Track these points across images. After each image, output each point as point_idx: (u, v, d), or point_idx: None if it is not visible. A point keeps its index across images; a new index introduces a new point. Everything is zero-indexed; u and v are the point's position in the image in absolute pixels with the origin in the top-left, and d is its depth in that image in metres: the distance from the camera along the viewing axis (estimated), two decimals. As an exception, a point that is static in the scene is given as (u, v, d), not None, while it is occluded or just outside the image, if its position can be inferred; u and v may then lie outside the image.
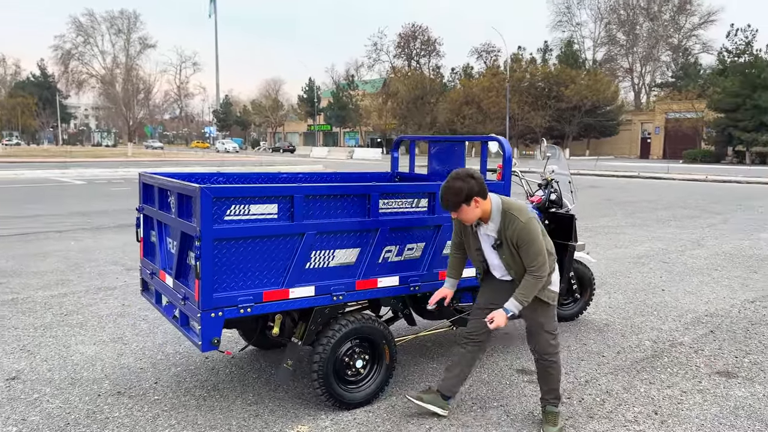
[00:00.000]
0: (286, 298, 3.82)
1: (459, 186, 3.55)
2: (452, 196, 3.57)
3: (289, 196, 3.76)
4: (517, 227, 3.61)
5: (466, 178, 3.57)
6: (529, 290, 3.65)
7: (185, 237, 3.85)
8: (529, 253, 3.62)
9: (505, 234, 3.66)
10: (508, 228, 3.64)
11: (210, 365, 4.92)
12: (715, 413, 4.13)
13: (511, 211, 3.65)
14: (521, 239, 3.61)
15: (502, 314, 3.67)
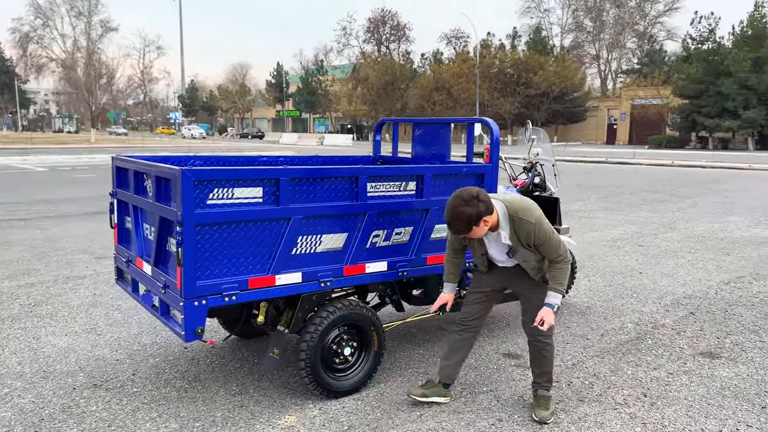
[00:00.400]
0: (273, 285, 3.68)
1: (468, 213, 3.42)
2: (462, 224, 3.45)
3: (274, 179, 3.61)
4: (531, 230, 3.53)
5: (471, 201, 3.43)
6: (563, 278, 3.62)
7: (164, 222, 3.67)
8: (551, 248, 3.57)
9: (518, 237, 3.58)
10: (520, 232, 3.56)
11: (189, 355, 4.76)
12: (702, 394, 4.14)
13: (518, 215, 3.55)
14: (538, 239, 3.55)
15: (549, 312, 3.60)
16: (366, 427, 3.68)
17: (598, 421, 3.75)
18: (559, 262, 3.61)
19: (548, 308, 3.61)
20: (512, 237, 3.59)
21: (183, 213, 3.31)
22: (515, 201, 3.62)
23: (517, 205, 3.59)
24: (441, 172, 4.31)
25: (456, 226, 3.49)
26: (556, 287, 3.62)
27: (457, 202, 3.44)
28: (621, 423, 3.73)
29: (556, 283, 3.62)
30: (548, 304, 3.62)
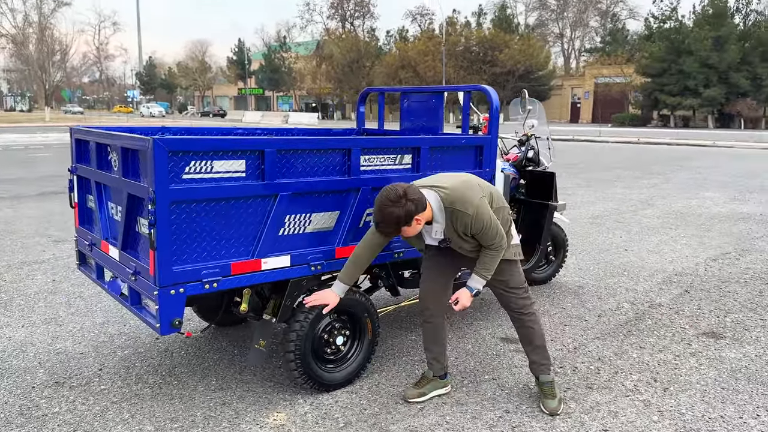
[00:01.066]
0: (258, 269, 3.30)
1: (396, 214, 3.09)
2: (391, 226, 3.15)
3: (258, 151, 3.21)
4: (468, 222, 3.23)
5: (399, 201, 3.08)
6: (491, 264, 3.37)
7: (133, 200, 3.24)
8: (487, 237, 3.28)
9: (455, 228, 3.29)
10: (456, 224, 3.26)
11: (162, 347, 4.34)
12: (714, 377, 3.94)
13: (454, 206, 3.23)
14: (476, 229, 3.25)
15: (466, 293, 3.39)
16: (363, 423, 3.35)
17: (612, 410, 3.50)
18: (492, 249, 3.32)
19: (467, 290, 3.39)
20: (447, 229, 3.31)
21: (155, 189, 2.89)
22: (454, 190, 3.26)
23: (455, 195, 3.24)
24: (439, 144, 3.96)
25: (384, 229, 3.18)
26: (481, 272, 3.37)
27: (384, 202, 3.10)
28: (636, 411, 3.49)
29: (482, 268, 3.36)
30: (468, 286, 3.40)
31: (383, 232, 3.22)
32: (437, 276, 3.61)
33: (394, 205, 3.08)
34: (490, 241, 3.29)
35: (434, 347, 3.65)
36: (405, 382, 3.84)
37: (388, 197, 3.09)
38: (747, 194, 12.14)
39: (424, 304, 3.62)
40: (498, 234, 3.29)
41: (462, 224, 3.24)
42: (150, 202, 2.90)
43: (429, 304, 3.61)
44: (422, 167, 3.87)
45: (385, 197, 3.10)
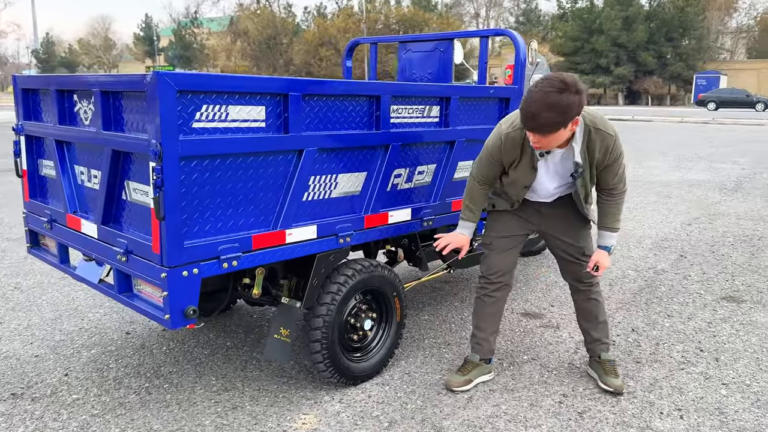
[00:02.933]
0: (283, 243, 2.68)
1: (569, 102, 2.47)
2: (558, 114, 2.48)
3: (281, 95, 2.58)
4: (610, 144, 2.76)
5: (567, 88, 2.46)
6: (620, 212, 2.97)
7: (119, 160, 2.54)
8: (619, 172, 2.86)
9: (590, 155, 2.78)
10: (597, 146, 2.75)
11: (136, 342, 3.63)
12: (758, 343, 3.69)
13: (596, 125, 2.72)
14: (613, 156, 2.79)
15: (604, 255, 2.98)
16: (410, 420, 2.83)
17: (675, 386, 3.16)
18: (618, 193, 2.93)
19: (603, 251, 2.99)
20: (583, 154, 2.76)
21: (163, 141, 2.21)
22: (589, 111, 2.76)
23: (595, 114, 2.77)
24: (468, 94, 3.45)
25: (546, 117, 2.48)
26: (611, 225, 2.98)
27: (553, 85, 2.46)
28: (701, 386, 3.16)
29: (612, 220, 2.97)
30: (604, 246, 2.99)
31: (536, 127, 2.53)
32: (511, 245, 3.14)
33: (569, 91, 2.46)
34: (620, 179, 2.88)
35: (487, 326, 3.17)
36: (438, 368, 3.34)
37: (563, 81, 2.47)
38: (687, 162, 12.39)
39: (494, 275, 3.14)
40: (623, 176, 2.90)
41: (603, 147, 2.74)
42: (155, 158, 2.22)
43: (499, 276, 3.13)
44: (451, 121, 3.34)
45: (547, 85, 2.48)
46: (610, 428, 2.79)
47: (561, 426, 2.81)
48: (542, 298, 4.48)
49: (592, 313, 3.22)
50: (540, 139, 2.60)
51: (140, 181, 2.47)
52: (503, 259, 3.14)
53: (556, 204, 3.04)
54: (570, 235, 3.08)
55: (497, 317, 3.21)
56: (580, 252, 3.09)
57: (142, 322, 3.94)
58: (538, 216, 3.10)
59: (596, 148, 2.74)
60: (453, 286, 4.68)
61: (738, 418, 2.86)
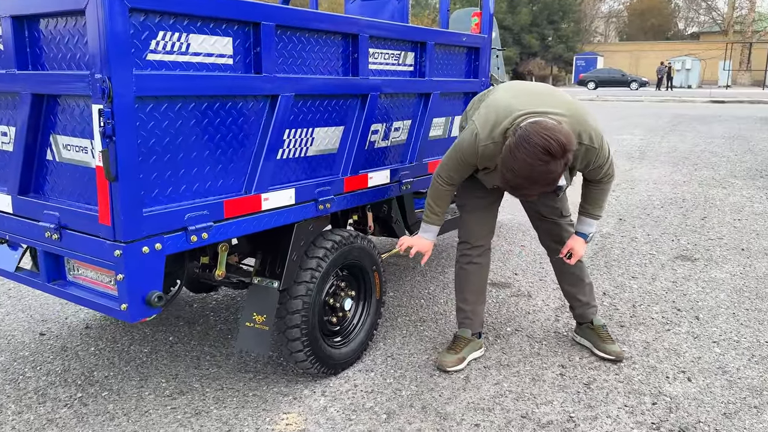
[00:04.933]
0: (258, 210, 2.20)
1: (557, 169, 2.15)
2: (546, 185, 2.23)
3: (252, 24, 2.08)
4: (592, 157, 2.47)
5: (564, 152, 2.13)
6: (604, 200, 2.74)
7: (41, 108, 1.95)
8: (605, 169, 2.58)
9: (572, 167, 2.52)
10: (578, 160, 2.45)
11: (54, 345, 2.99)
12: (727, 300, 3.65)
13: (581, 139, 2.38)
14: (598, 163, 2.51)
15: (580, 242, 2.76)
16: (410, 409, 2.47)
17: (669, 348, 3.01)
18: (606, 181, 2.65)
19: (580, 238, 2.77)
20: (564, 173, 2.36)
21: (113, 75, 1.67)
22: (573, 116, 2.37)
23: (579, 124, 2.38)
24: (443, 39, 3.08)
25: (528, 193, 2.31)
26: (594, 212, 2.73)
27: (534, 160, 2.11)
28: (694, 346, 3.04)
29: (596, 207, 2.73)
30: (581, 233, 2.77)
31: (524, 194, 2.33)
32: (484, 210, 2.83)
33: (548, 164, 2.12)
34: (604, 174, 2.60)
35: (473, 297, 2.86)
36: (422, 347, 3.00)
37: (537, 156, 2.10)
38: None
39: (474, 239, 2.83)
40: (613, 166, 2.63)
41: (585, 160, 2.47)
42: (102, 98, 1.68)
43: (483, 238, 2.83)
44: (427, 70, 2.97)
45: (533, 155, 2.10)
46: (623, 397, 2.57)
47: (572, 399, 2.56)
48: (503, 267, 4.25)
49: (576, 276, 2.99)
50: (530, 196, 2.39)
51: (75, 134, 1.90)
52: (482, 219, 2.84)
53: None
54: (546, 196, 2.72)
55: (483, 286, 2.91)
56: (558, 213, 2.87)
57: (57, 320, 3.28)
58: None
59: (578, 160, 2.46)
60: (411, 260, 4.34)
61: (743, 376, 2.74)
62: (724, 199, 6.42)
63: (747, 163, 8.81)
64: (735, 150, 10.10)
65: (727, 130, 13.19)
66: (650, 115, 17.72)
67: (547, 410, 2.48)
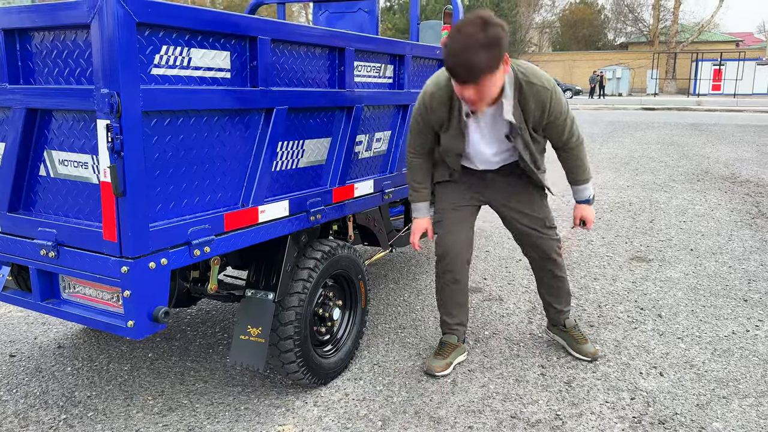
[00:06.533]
0: (256, 222, 2.21)
1: (496, 34, 2.14)
2: (490, 52, 2.15)
3: (248, 38, 2.10)
4: (546, 100, 2.46)
5: (498, 22, 2.17)
6: (585, 162, 2.80)
7: (33, 123, 1.90)
8: (566, 126, 2.60)
9: (526, 113, 2.49)
10: (531, 103, 2.45)
11: (27, 366, 2.88)
12: (684, 297, 3.87)
13: (529, 79, 2.42)
14: (554, 113, 2.51)
15: (587, 208, 2.90)
16: (404, 415, 2.51)
17: (638, 345, 3.17)
18: (574, 146, 2.69)
19: (584, 204, 2.90)
20: (516, 112, 2.45)
21: (122, 90, 1.66)
22: (519, 62, 2.50)
23: (524, 64, 2.48)
24: (420, 53, 3.16)
25: (476, 61, 2.15)
26: (582, 176, 2.81)
27: (464, 30, 2.17)
28: (661, 342, 3.21)
29: (581, 171, 2.80)
30: (582, 200, 2.89)
31: (463, 74, 2.19)
32: (461, 224, 2.83)
33: (485, 29, 2.13)
34: (570, 133, 2.63)
35: (457, 310, 2.92)
36: (405, 354, 3.05)
37: (472, 24, 2.16)
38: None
39: (450, 263, 2.82)
40: (576, 125, 2.66)
41: (539, 103, 2.45)
42: (110, 113, 1.66)
43: (458, 263, 2.82)
44: (405, 82, 3.04)
45: (467, 27, 2.16)
46: (603, 394, 2.70)
47: (556, 398, 2.66)
48: (472, 272, 4.35)
49: (556, 288, 3.03)
50: (476, 91, 2.26)
51: (73, 150, 1.86)
52: (457, 235, 2.83)
53: (504, 172, 2.79)
54: (528, 206, 2.82)
55: (466, 298, 2.95)
56: (542, 224, 2.85)
57: (26, 341, 3.16)
58: (483, 184, 2.82)
59: (531, 105, 2.46)
60: (380, 268, 4.39)
61: (709, 369, 2.92)
62: (668, 202, 6.77)
63: (683, 167, 9.30)
64: (671, 155, 10.64)
65: (661, 136, 13.88)
66: (587, 123, 18.41)
67: (534, 409, 2.57)
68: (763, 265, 4.48)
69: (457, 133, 2.57)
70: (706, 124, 16.90)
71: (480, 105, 2.35)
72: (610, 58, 47.81)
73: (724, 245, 5.02)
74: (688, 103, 29.53)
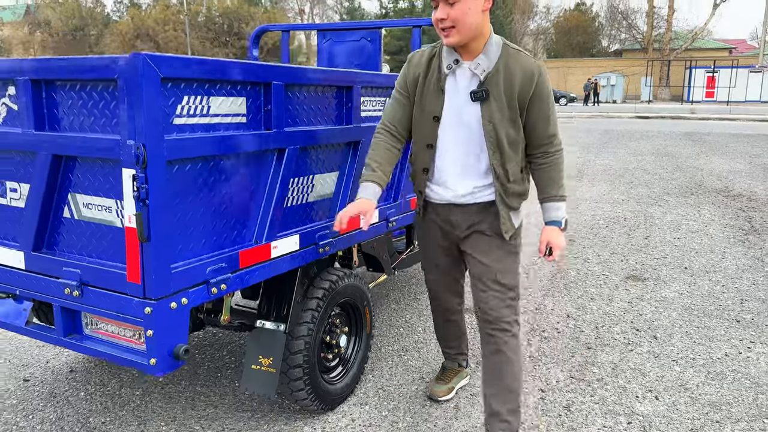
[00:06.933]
0: (268, 258, 2.30)
1: None
2: None
3: (262, 84, 2.19)
4: (530, 73, 2.19)
5: None
6: (560, 176, 2.36)
7: (58, 168, 1.99)
8: (552, 116, 2.27)
9: (502, 79, 2.19)
10: (512, 72, 2.19)
11: (42, 391, 2.96)
12: (679, 318, 3.97)
13: (517, 49, 2.25)
14: (537, 92, 2.20)
15: (556, 232, 2.35)
16: (409, 440, 2.60)
17: (634, 368, 3.27)
18: (559, 151, 2.33)
19: (553, 227, 2.36)
20: (494, 78, 2.19)
21: (147, 142, 1.75)
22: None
23: (519, 48, 2.28)
24: (423, 85, 3.25)
25: None
26: (557, 192, 2.34)
27: None
28: (657, 365, 3.31)
29: (557, 186, 2.34)
30: (552, 221, 2.36)
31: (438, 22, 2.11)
32: (439, 256, 2.59)
33: None
34: (553, 126, 2.28)
35: (456, 342, 2.97)
36: (409, 378, 3.14)
37: None
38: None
39: (441, 304, 2.77)
40: (557, 125, 2.32)
41: (520, 74, 2.18)
42: (136, 164, 1.75)
43: (448, 303, 2.75)
44: (409, 114, 3.13)
45: None
46: (600, 418, 2.79)
47: (555, 423, 2.76)
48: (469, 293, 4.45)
49: (497, 372, 2.39)
50: (450, 11, 2.11)
51: (97, 194, 1.95)
52: (442, 279, 2.65)
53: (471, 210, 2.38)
54: (488, 255, 2.37)
55: (462, 331, 2.93)
56: (491, 273, 2.37)
57: (39, 364, 3.24)
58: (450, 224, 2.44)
59: (515, 75, 2.19)
60: (382, 288, 4.48)
61: (703, 392, 3.02)
62: (662, 217, 6.89)
63: (677, 180, 9.43)
64: (665, 167, 10.78)
65: (655, 146, 14.03)
66: (582, 131, 18.58)
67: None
68: (756, 284, 4.60)
69: (435, 89, 2.27)
70: (700, 134, 17.09)
71: (453, 35, 2.14)
72: (605, 65, 48.14)
73: (717, 263, 5.14)
74: (682, 110, 29.79)
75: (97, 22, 58.43)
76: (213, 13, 55.43)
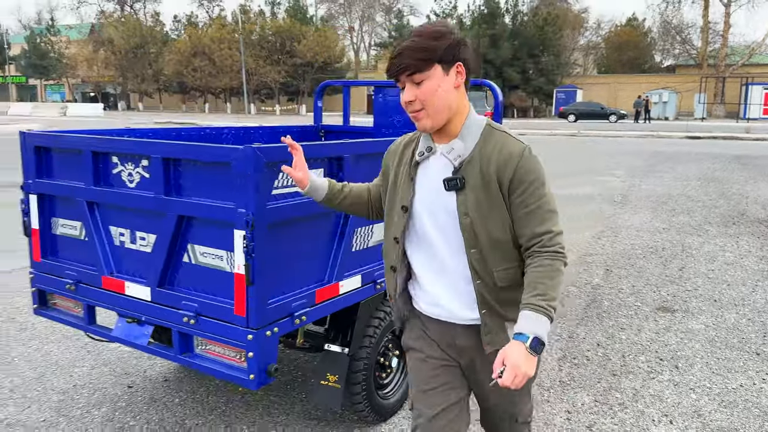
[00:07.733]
0: (337, 294, 2.84)
1: (444, 28, 1.83)
2: (430, 39, 1.79)
3: (337, 158, 2.75)
4: (514, 156, 1.83)
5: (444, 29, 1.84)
6: (557, 283, 1.80)
7: (180, 224, 2.57)
8: (539, 207, 1.82)
9: (483, 165, 1.85)
10: (493, 153, 1.85)
11: (144, 396, 3.55)
12: (702, 350, 4.33)
13: (499, 128, 1.92)
14: (520, 177, 1.82)
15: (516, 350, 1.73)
16: (450, 449, 3.07)
17: (653, 394, 3.66)
18: (551, 254, 1.81)
19: (518, 342, 1.74)
20: (469, 164, 1.86)
21: (255, 210, 2.31)
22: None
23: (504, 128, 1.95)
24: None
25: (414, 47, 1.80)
26: (537, 302, 1.77)
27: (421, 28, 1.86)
28: (675, 392, 3.69)
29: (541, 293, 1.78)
30: (519, 334, 1.75)
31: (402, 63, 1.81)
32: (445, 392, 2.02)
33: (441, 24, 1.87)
34: (546, 217, 1.83)
35: None
36: (451, 396, 3.61)
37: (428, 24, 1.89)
38: (571, 178, 13.56)
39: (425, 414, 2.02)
40: (557, 214, 1.86)
41: (496, 158, 1.84)
42: (246, 227, 2.31)
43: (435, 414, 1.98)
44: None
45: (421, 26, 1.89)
46: (618, 438, 3.21)
47: (578, 441, 3.19)
48: (510, 319, 4.90)
49: None
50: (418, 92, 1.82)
51: (212, 246, 2.52)
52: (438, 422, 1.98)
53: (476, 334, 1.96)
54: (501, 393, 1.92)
55: None
56: (509, 414, 2.15)
57: (138, 373, 3.85)
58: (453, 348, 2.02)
59: (491, 160, 1.84)
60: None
61: (714, 419, 3.40)
62: (699, 248, 7.16)
63: (720, 208, 9.61)
64: (709, 194, 10.93)
65: (702, 171, 14.10)
66: (630, 153, 18.65)
67: (559, 449, 3.11)
68: (780, 318, 4.90)
69: (406, 179, 1.99)
70: (751, 157, 16.98)
71: (424, 118, 1.86)
72: (657, 82, 47.54)
73: (747, 296, 5.43)
74: (737, 129, 29.30)
75: (156, 40, 61.04)
76: (266, 31, 57.25)
